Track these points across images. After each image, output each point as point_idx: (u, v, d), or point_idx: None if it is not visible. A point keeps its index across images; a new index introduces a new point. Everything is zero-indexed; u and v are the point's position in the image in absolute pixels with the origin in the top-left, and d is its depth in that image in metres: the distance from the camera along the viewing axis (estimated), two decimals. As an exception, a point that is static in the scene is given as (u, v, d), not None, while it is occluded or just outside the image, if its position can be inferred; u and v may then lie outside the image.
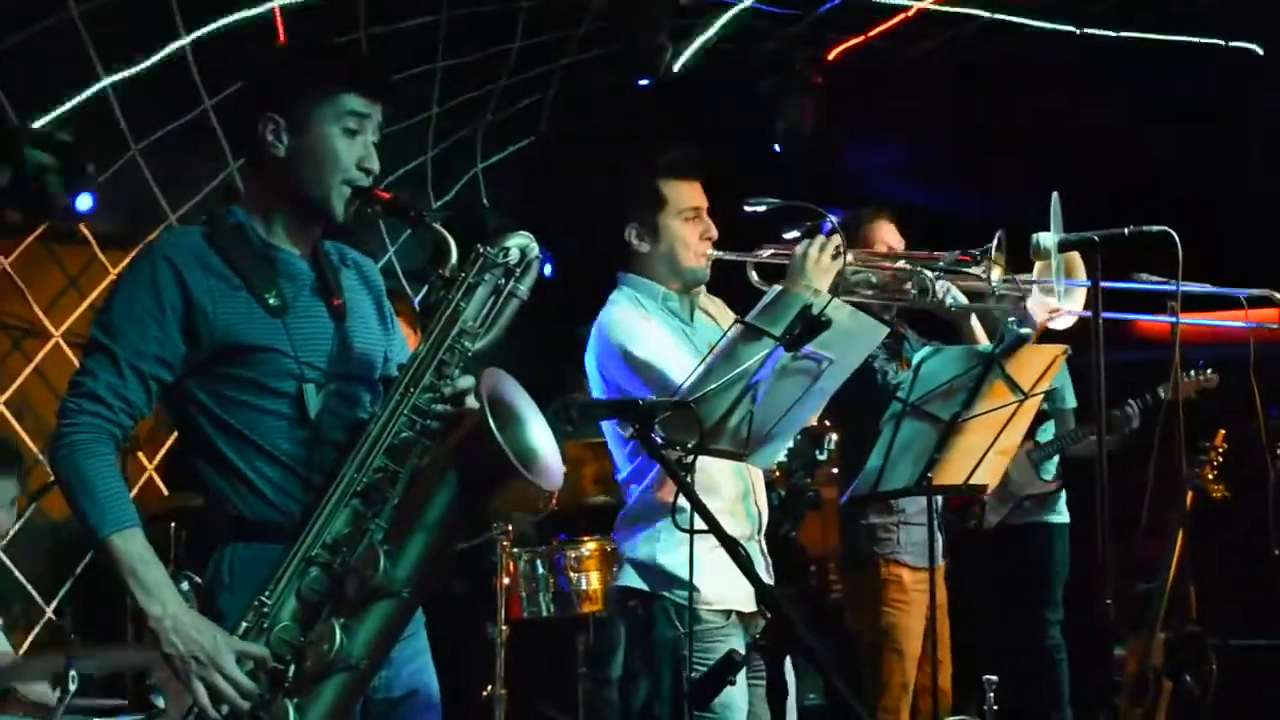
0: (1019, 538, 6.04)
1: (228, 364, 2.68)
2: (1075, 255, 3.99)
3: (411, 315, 4.69)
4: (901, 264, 4.22)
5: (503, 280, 2.75)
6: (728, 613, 3.63)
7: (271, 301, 2.70)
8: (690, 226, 3.77)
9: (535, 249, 2.78)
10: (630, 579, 3.70)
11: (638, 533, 3.70)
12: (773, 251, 3.89)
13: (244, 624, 2.56)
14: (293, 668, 2.55)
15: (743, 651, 3.59)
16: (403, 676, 2.80)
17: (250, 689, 2.52)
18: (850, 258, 3.78)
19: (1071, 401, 6.09)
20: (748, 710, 3.65)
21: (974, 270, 4.00)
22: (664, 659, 3.60)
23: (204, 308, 2.66)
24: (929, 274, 4.09)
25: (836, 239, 3.70)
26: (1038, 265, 4.10)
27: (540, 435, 2.69)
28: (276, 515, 2.67)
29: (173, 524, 5.49)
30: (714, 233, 3.81)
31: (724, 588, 3.55)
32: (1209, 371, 5.85)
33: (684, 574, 3.49)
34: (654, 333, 3.68)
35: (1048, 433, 5.99)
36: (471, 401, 2.67)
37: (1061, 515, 6.06)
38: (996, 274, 4.01)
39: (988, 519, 5.95)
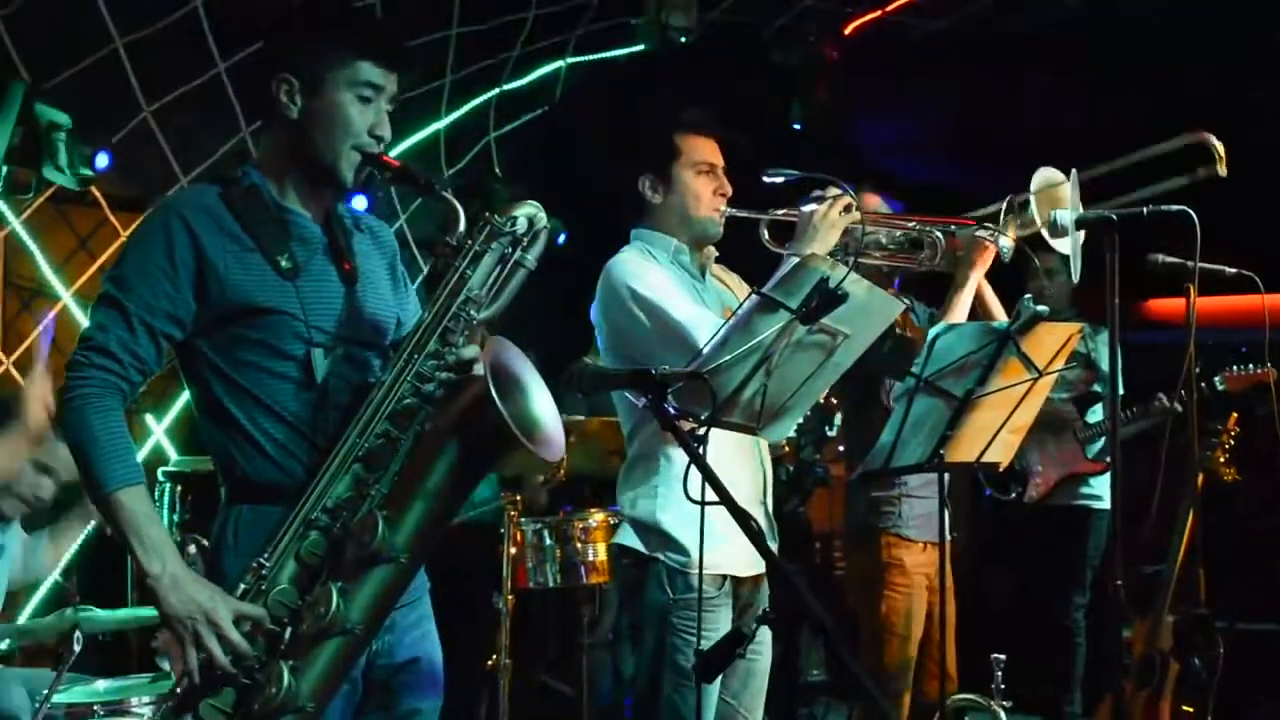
0: (1061, 518, 5.99)
1: (238, 325, 2.67)
2: (1063, 188, 3.92)
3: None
4: (913, 225, 4.20)
5: (510, 249, 2.74)
6: (723, 579, 3.56)
7: (284, 264, 2.69)
8: (703, 180, 3.76)
9: (544, 219, 2.77)
10: (628, 538, 3.64)
11: (636, 486, 3.65)
12: (785, 211, 3.86)
13: (242, 585, 2.55)
14: (289, 630, 2.54)
15: (731, 619, 3.56)
16: (405, 643, 2.80)
17: (246, 650, 2.51)
18: (859, 216, 3.75)
19: (1119, 388, 6.00)
20: (734, 689, 3.61)
21: (986, 236, 3.99)
22: (651, 624, 3.56)
23: (216, 267, 2.65)
24: (940, 236, 4.07)
25: (846, 198, 3.69)
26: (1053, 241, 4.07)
27: (543, 405, 2.67)
28: (281, 476, 2.66)
29: (179, 486, 5.49)
30: (728, 189, 3.79)
31: (721, 553, 3.48)
32: (1268, 365, 5.43)
33: (681, 536, 3.50)
34: (658, 274, 3.64)
35: (1097, 414, 5.93)
36: (478, 370, 2.65)
37: (1105, 500, 5.91)
38: (1008, 241, 3.99)
39: (1030, 495, 5.91)
